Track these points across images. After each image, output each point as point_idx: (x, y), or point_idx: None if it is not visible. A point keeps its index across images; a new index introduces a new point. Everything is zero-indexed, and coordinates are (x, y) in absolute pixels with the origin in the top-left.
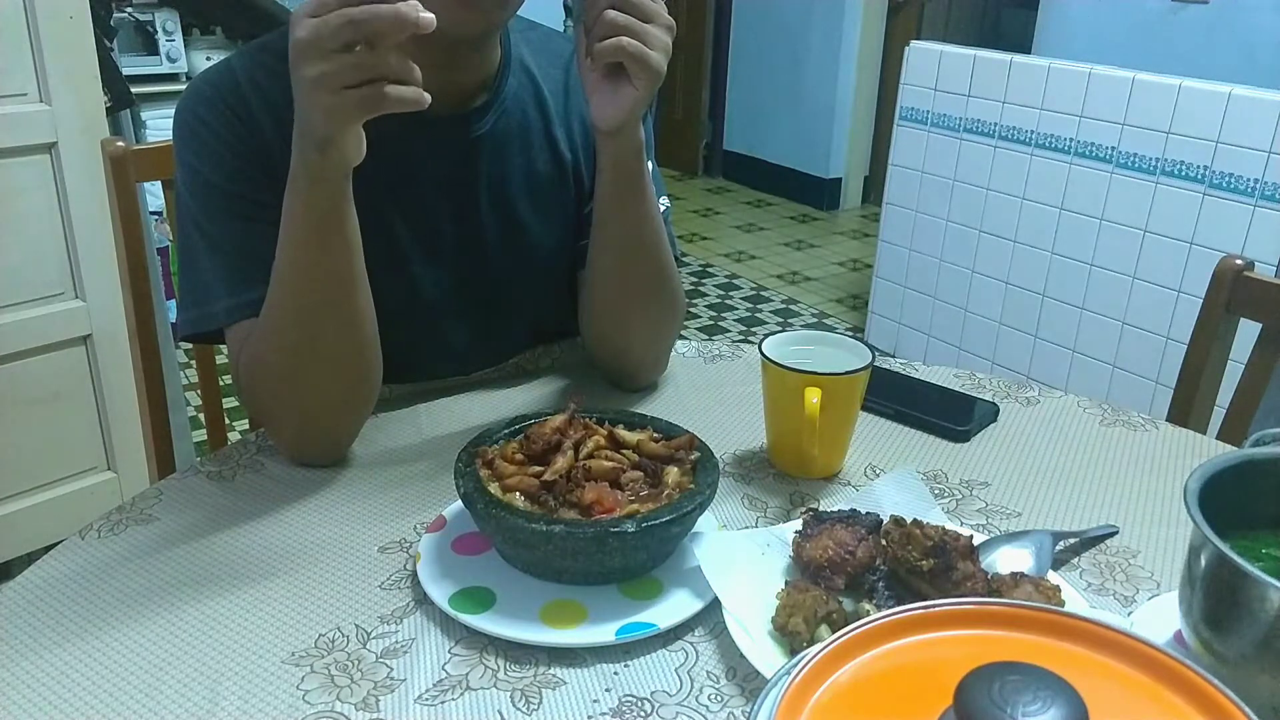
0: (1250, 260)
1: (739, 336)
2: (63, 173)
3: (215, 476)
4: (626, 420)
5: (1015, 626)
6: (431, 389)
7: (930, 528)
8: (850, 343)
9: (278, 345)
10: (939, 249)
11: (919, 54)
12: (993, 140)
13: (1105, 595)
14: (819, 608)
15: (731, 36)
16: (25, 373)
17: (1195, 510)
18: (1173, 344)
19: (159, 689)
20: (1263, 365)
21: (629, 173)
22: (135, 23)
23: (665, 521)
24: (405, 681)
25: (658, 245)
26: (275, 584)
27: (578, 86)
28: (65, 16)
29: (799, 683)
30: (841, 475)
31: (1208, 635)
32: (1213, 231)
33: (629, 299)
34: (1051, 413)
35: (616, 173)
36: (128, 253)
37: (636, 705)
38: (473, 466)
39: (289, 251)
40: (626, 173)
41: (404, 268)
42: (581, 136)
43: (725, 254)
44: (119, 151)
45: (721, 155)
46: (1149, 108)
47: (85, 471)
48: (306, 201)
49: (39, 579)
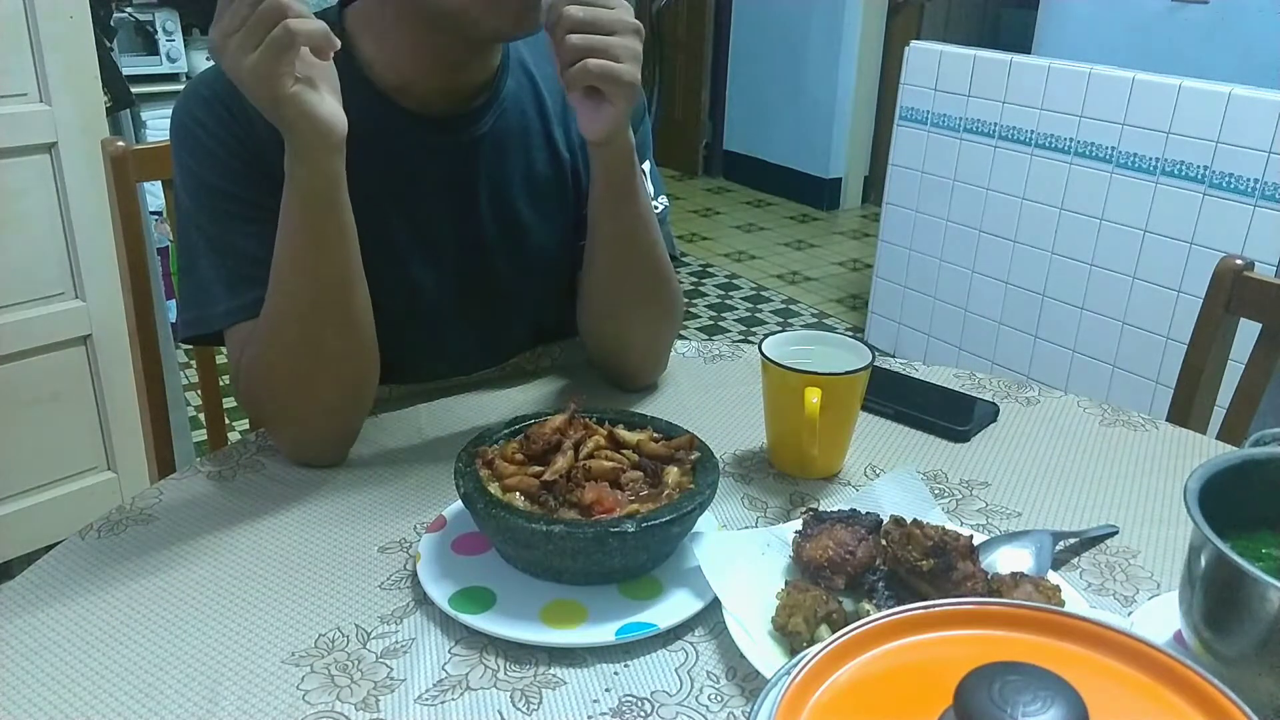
0: (1250, 260)
1: (739, 336)
2: (63, 173)
3: (215, 476)
4: (626, 420)
5: (1015, 626)
6: (431, 389)
7: (930, 528)
8: (850, 343)
9: (277, 346)
10: (939, 249)
11: (919, 54)
12: (993, 140)
13: (1105, 595)
14: (819, 608)
15: (731, 36)
16: (25, 373)
17: (1195, 510)
18: (1173, 344)
19: (159, 689)
20: (1263, 365)
21: (621, 179)
22: (135, 23)
23: (665, 521)
24: (405, 681)
25: (653, 246)
26: (275, 584)
27: None
28: (65, 16)
29: (799, 683)
30: (841, 475)
31: (1208, 635)
32: (1213, 231)
33: (625, 300)
34: (1051, 413)
35: (609, 179)
36: (128, 253)
37: (636, 705)
38: (473, 466)
39: (287, 249)
40: (618, 179)
41: (403, 268)
42: (579, 137)
43: (725, 254)
44: (119, 151)
45: (721, 155)
46: (1149, 108)
47: (85, 471)
48: (300, 189)
49: (39, 579)
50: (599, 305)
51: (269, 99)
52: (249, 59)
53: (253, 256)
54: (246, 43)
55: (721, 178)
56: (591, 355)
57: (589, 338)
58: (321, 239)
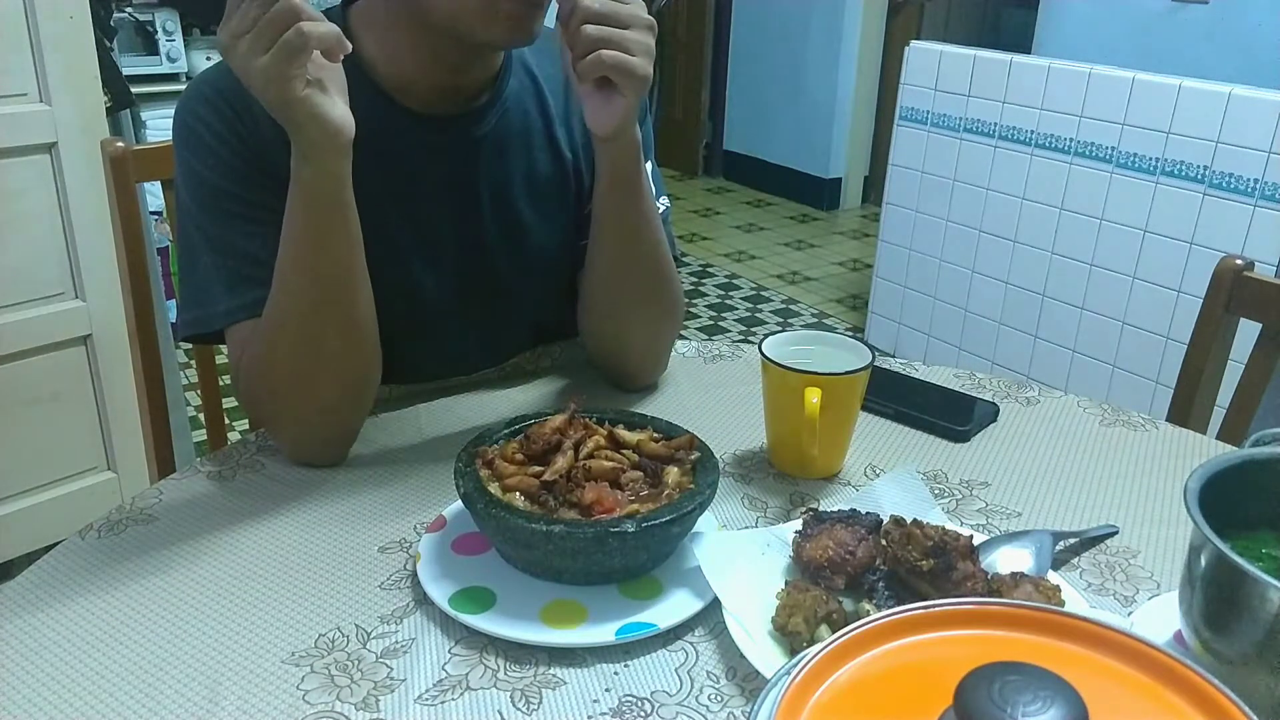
0: (1250, 260)
1: (739, 336)
2: (63, 173)
3: (215, 476)
4: (626, 420)
5: (1015, 626)
6: (431, 389)
7: (930, 528)
8: (850, 343)
9: (279, 345)
10: (939, 249)
11: (919, 54)
12: (993, 140)
13: (1105, 595)
14: (819, 608)
15: (731, 36)
16: (25, 373)
17: (1195, 510)
18: (1173, 344)
19: (159, 689)
20: (1263, 365)
21: (627, 175)
22: (135, 23)
23: (665, 521)
24: (405, 681)
25: (656, 246)
26: (275, 584)
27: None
28: (65, 16)
29: (799, 683)
30: (841, 475)
31: (1208, 635)
32: (1213, 231)
33: (627, 300)
34: (1051, 413)
35: (615, 175)
36: (128, 253)
37: (636, 705)
38: (473, 466)
39: (291, 248)
40: (624, 175)
41: (405, 268)
42: (582, 136)
43: (725, 254)
44: (119, 151)
45: (721, 155)
46: (1149, 108)
47: (85, 471)
48: (305, 189)
49: (39, 579)
50: (600, 304)
51: (279, 101)
52: (260, 61)
53: (254, 256)
54: (257, 44)
55: (721, 178)
56: (591, 355)
57: (589, 338)
58: (326, 239)
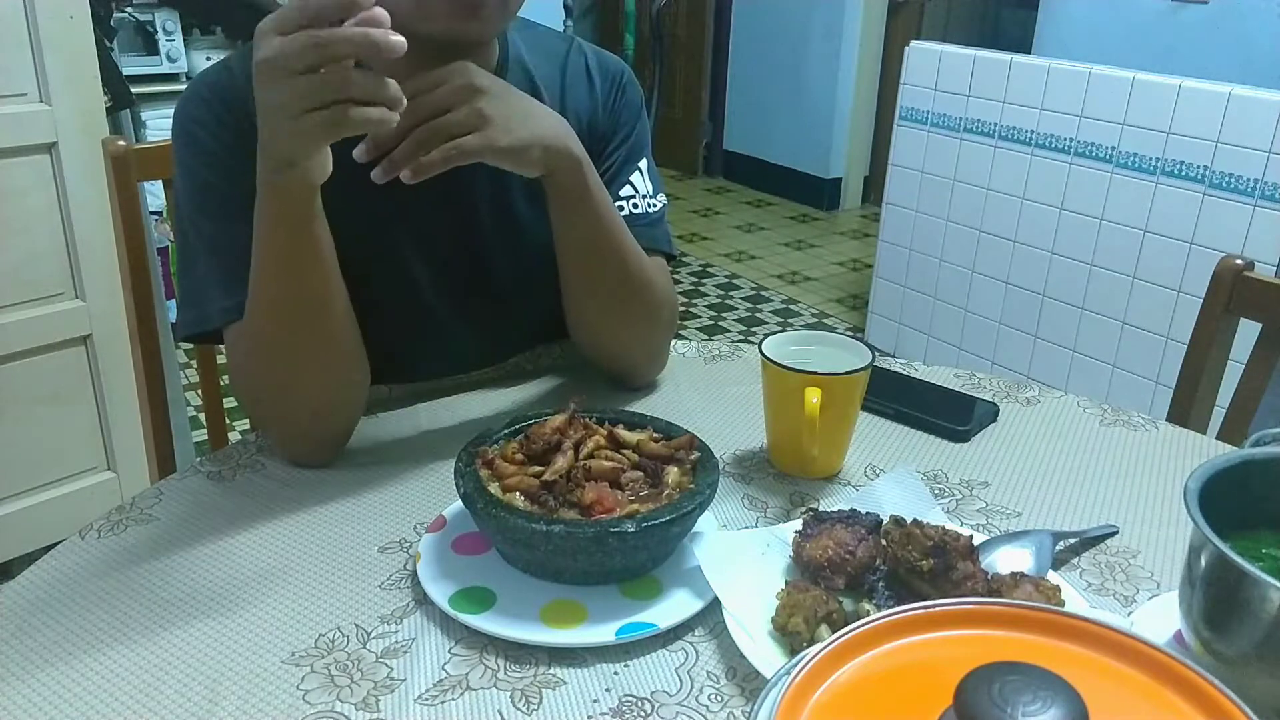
0: (1250, 260)
1: (739, 336)
2: (63, 173)
3: (215, 476)
4: (626, 420)
5: (1015, 626)
6: (431, 389)
7: (930, 528)
8: (850, 343)
9: (258, 351)
10: (939, 249)
11: (919, 54)
12: (993, 140)
13: (1105, 595)
14: (819, 608)
15: (731, 36)
16: (25, 373)
17: (1195, 510)
18: (1173, 344)
19: (159, 689)
20: (1263, 365)
21: (569, 186)
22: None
23: (665, 521)
24: (405, 681)
25: (616, 252)
26: (275, 584)
27: (574, 84)
28: (65, 16)
29: (799, 683)
30: (841, 475)
31: (1208, 635)
32: (1213, 231)
33: (597, 305)
34: (1051, 413)
35: (558, 193)
36: (128, 253)
37: (636, 705)
38: (473, 466)
39: (261, 277)
40: (566, 188)
41: (403, 268)
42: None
43: (725, 254)
44: (120, 151)
45: (721, 155)
46: (1149, 108)
47: (85, 471)
48: (273, 221)
49: (39, 579)
50: (575, 309)
51: (284, 157)
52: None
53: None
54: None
55: (721, 178)
56: (585, 356)
57: (576, 343)
58: (298, 270)
